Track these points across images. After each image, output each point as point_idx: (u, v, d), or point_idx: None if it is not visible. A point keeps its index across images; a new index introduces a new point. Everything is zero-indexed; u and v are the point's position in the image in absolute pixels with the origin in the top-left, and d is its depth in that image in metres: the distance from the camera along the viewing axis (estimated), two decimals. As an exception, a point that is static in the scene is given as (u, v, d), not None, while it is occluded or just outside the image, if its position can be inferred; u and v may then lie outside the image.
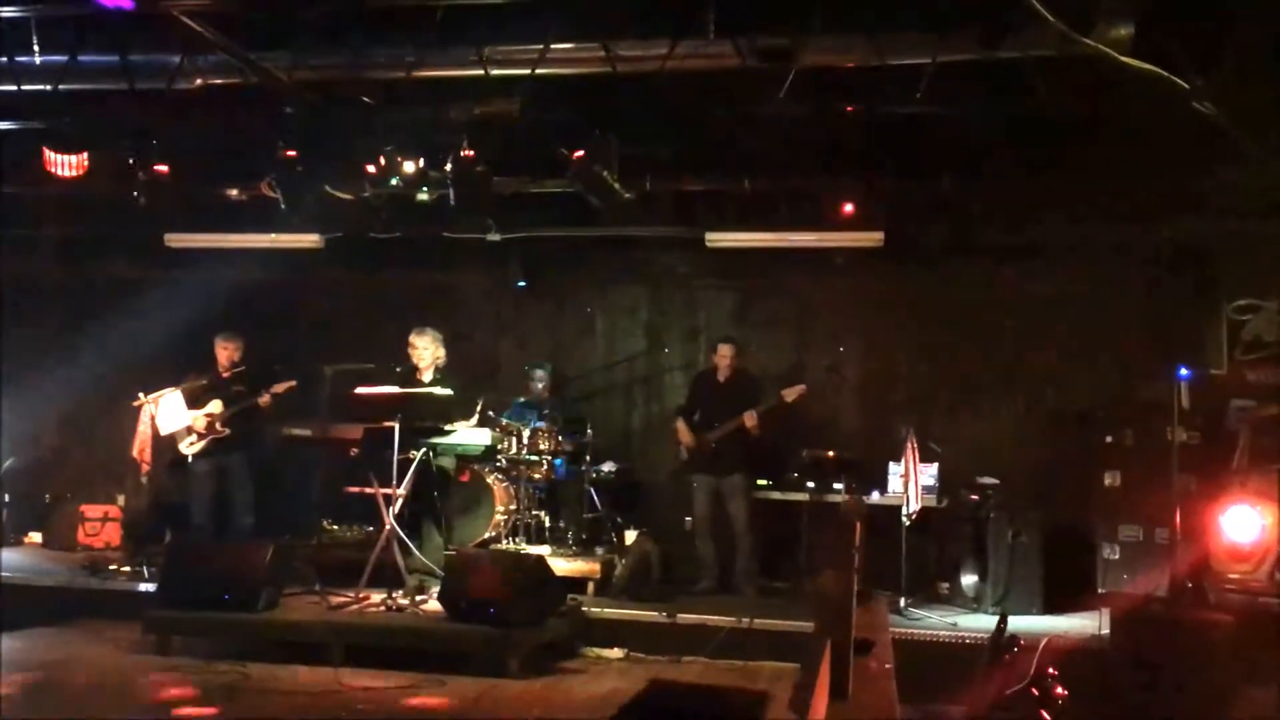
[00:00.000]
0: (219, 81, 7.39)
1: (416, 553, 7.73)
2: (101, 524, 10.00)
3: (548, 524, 9.11)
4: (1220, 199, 8.03)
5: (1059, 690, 5.57)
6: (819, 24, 6.45)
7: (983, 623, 7.30)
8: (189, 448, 8.62)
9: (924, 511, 8.15)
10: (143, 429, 8.73)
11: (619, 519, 9.14)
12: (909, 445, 8.01)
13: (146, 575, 8.33)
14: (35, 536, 10.34)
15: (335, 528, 9.16)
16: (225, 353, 8.76)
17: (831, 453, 9.09)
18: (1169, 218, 8.46)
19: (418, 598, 7.41)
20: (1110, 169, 8.11)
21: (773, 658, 7.07)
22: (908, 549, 8.01)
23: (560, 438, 9.08)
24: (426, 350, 8.28)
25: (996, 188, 8.59)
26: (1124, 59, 5.74)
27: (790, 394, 8.51)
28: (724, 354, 8.86)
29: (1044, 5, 5.48)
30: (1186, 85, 5.88)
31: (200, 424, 8.57)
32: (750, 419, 8.44)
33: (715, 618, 7.46)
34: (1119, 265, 8.83)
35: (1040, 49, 6.26)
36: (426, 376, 8.25)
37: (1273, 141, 6.56)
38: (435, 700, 6.14)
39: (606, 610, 7.75)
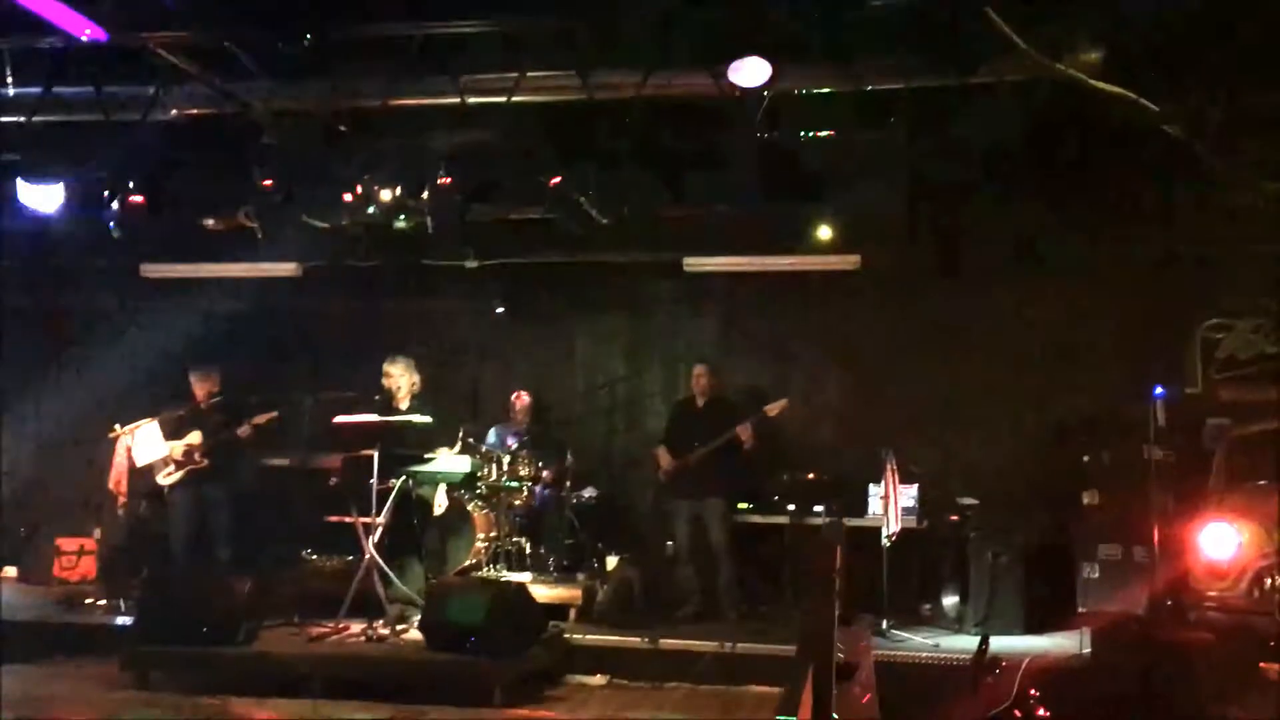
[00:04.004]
0: (195, 112, 7.40)
1: (397, 582, 7.68)
2: (78, 557, 9.89)
3: (529, 551, 9.07)
4: (1193, 219, 8.12)
5: (1042, 711, 5.58)
6: (793, 51, 6.51)
7: (965, 644, 7.30)
8: (166, 478, 8.55)
9: (904, 533, 8.15)
10: (119, 461, 8.66)
11: (600, 545, 9.11)
12: (889, 467, 8.03)
13: (124, 609, 8.25)
14: (10, 570, 10.21)
15: (315, 558, 9.10)
16: (202, 387, 8.69)
17: (812, 475, 9.11)
18: (1143, 238, 8.55)
19: (398, 627, 7.37)
20: (1084, 190, 8.19)
21: (756, 682, 7.04)
22: (889, 570, 8.01)
23: (540, 464, 9.06)
24: (402, 378, 8.27)
25: (970, 211, 8.65)
26: (1095, 83, 5.82)
27: (773, 409, 8.52)
28: (698, 374, 8.89)
29: (1016, 31, 5.55)
30: (1156, 108, 5.96)
31: (179, 453, 8.50)
32: (745, 431, 8.44)
33: (698, 643, 7.44)
34: (1094, 285, 8.90)
35: (1013, 74, 6.34)
36: (404, 405, 8.23)
37: (1242, 162, 6.65)
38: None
39: (589, 637, 7.71)
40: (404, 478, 7.75)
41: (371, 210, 7.96)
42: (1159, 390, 7.76)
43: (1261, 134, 6.49)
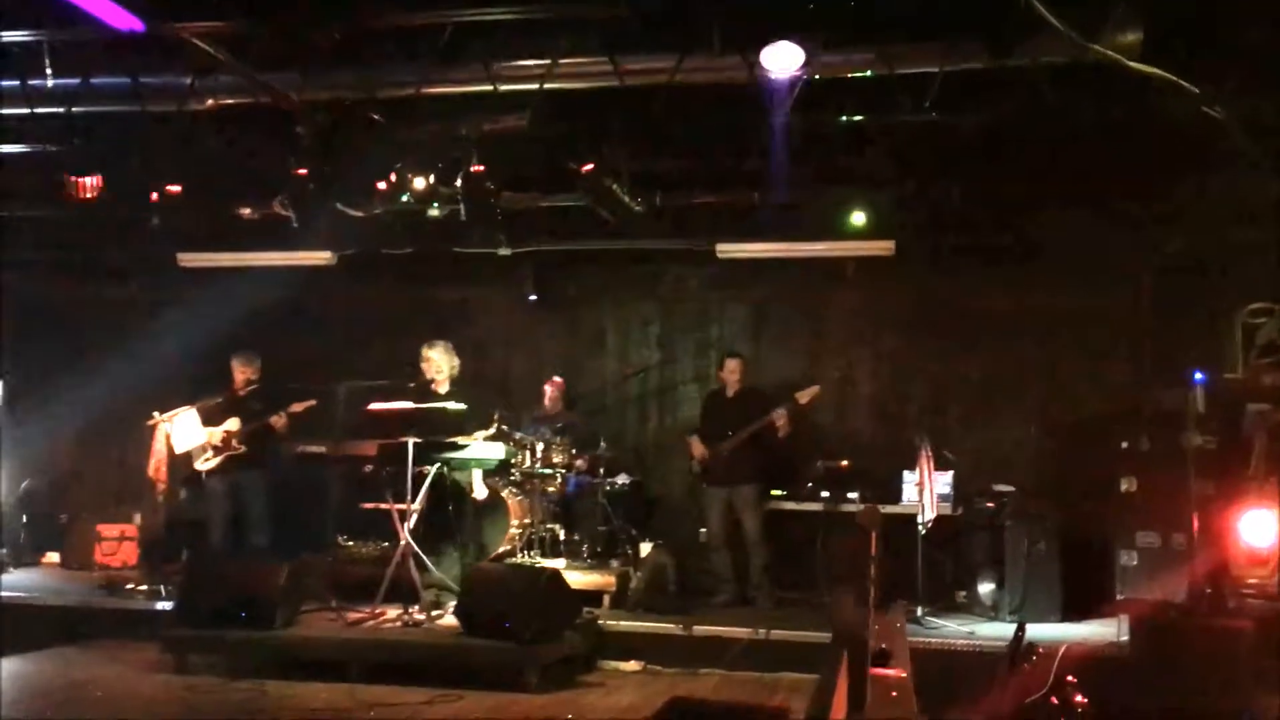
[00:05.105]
0: (230, 102, 7.45)
1: (432, 568, 7.73)
2: (118, 543, 10.03)
3: (562, 537, 9.10)
4: (1235, 204, 8.01)
5: (1079, 698, 5.54)
6: (827, 35, 6.47)
7: (1000, 631, 7.27)
8: (204, 464, 8.65)
9: (940, 520, 8.12)
10: (158, 448, 8.76)
11: (634, 532, 9.12)
12: (923, 454, 8.00)
13: (163, 594, 8.34)
14: (52, 556, 10.37)
15: (351, 544, 9.18)
16: (242, 373, 8.79)
17: (846, 462, 9.08)
18: (1184, 223, 8.45)
19: (433, 613, 7.41)
20: (1125, 174, 8.10)
21: (790, 669, 7.04)
22: (924, 558, 7.99)
23: (573, 451, 9.08)
24: (441, 361, 8.30)
25: (1009, 194, 8.57)
26: (1134, 65, 5.75)
27: (804, 396, 8.51)
28: (731, 368, 8.89)
29: (1052, 13, 5.49)
30: (1196, 90, 5.88)
31: (217, 439, 8.60)
32: (780, 417, 8.42)
33: (732, 629, 7.45)
34: (1133, 270, 8.82)
35: (1050, 56, 6.27)
36: (443, 389, 8.26)
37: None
38: (452, 715, 6.14)
39: (623, 623, 7.74)
40: (438, 464, 7.78)
41: (405, 198, 8.02)
42: (1198, 376, 7.66)
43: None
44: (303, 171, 7.92)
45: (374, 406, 7.76)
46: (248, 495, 8.74)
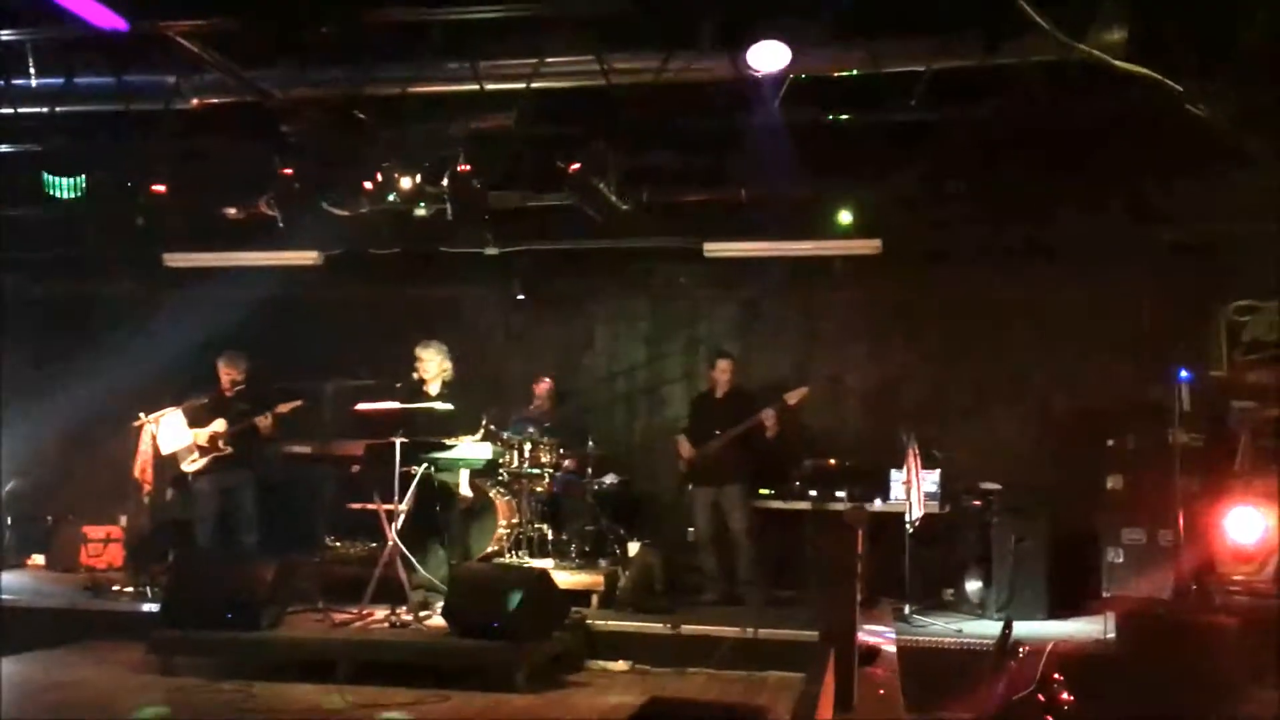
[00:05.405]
0: (216, 101, 7.42)
1: (419, 568, 7.71)
2: (104, 545, 9.99)
3: (550, 537, 9.09)
4: (1220, 201, 8.04)
5: (1065, 695, 5.56)
6: (815, 32, 6.47)
7: (988, 628, 7.29)
8: (190, 465, 8.61)
9: (927, 518, 8.14)
10: (144, 449, 8.72)
11: (622, 531, 9.12)
12: (910, 452, 8.01)
13: (149, 595, 8.32)
14: (38, 558, 10.33)
15: (339, 544, 9.15)
16: (228, 374, 8.74)
17: (833, 461, 9.08)
18: (1169, 221, 8.47)
19: (421, 613, 7.40)
20: (1109, 172, 8.12)
21: (778, 668, 7.02)
22: (911, 556, 8.01)
23: (561, 450, 9.07)
24: (433, 363, 8.27)
25: (1002, 192, 8.59)
26: (1117, 63, 5.76)
27: (793, 397, 8.50)
28: (722, 369, 8.86)
29: (1039, 10, 5.50)
30: (1180, 89, 5.89)
31: (203, 440, 8.56)
32: (769, 417, 8.40)
33: (720, 628, 7.44)
34: (1119, 268, 8.84)
35: (1037, 54, 6.29)
36: (433, 389, 8.24)
37: (1275, 143, 6.56)
38: (440, 716, 6.13)
39: (611, 623, 7.73)
40: (426, 465, 7.77)
41: (391, 198, 7.98)
42: (1184, 373, 7.69)
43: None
44: (288, 171, 7.89)
45: (362, 406, 7.74)
46: (237, 496, 8.69)
